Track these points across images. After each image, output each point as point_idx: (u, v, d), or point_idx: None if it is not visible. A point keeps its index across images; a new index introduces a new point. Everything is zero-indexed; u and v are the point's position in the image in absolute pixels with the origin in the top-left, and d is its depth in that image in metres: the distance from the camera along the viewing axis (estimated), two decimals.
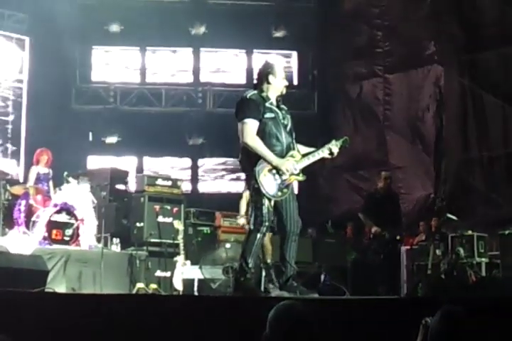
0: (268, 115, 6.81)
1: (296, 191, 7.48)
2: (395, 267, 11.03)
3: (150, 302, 6.03)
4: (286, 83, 7.02)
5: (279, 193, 6.77)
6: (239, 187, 16.53)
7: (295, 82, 19.13)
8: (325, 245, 13.56)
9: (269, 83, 6.95)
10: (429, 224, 13.56)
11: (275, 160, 6.72)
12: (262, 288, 8.34)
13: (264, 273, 9.68)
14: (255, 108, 6.80)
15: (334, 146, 7.15)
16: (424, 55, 17.06)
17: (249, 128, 6.75)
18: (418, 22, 17.15)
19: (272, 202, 6.77)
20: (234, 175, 18.08)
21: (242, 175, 7.10)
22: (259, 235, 6.81)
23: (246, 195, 10.26)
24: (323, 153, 7.11)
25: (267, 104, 6.85)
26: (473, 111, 15.80)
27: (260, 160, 6.73)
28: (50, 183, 11.58)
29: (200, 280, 10.11)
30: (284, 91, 7.01)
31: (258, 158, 6.74)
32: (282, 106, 7.10)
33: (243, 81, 18.60)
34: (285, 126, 6.94)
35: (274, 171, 6.73)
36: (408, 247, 13.21)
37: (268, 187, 6.71)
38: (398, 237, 11.11)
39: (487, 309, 4.86)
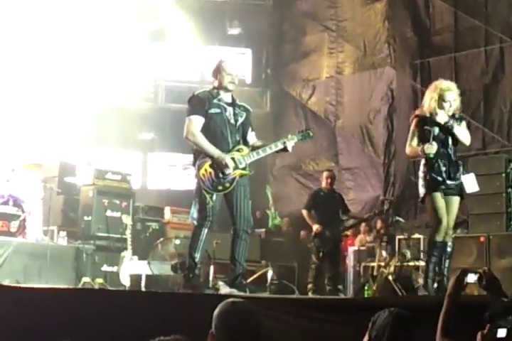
0: (213, 111, 6.89)
1: None
2: (336, 266, 11.06)
3: (96, 296, 5.98)
4: (230, 79, 7.02)
5: (220, 187, 6.79)
6: (189, 183, 16.46)
7: (248, 80, 19.15)
8: (273, 244, 13.59)
9: (216, 79, 7.03)
10: (374, 226, 13.67)
11: (215, 153, 6.76)
12: (211, 285, 8.32)
13: (212, 270, 9.67)
14: (199, 105, 6.90)
15: (290, 141, 7.15)
16: (377, 57, 17.23)
17: (191, 125, 6.85)
18: (373, 25, 17.30)
19: (215, 197, 6.79)
20: (184, 171, 18.01)
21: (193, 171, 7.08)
22: (204, 230, 6.82)
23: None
24: (277, 147, 7.12)
25: (215, 100, 6.92)
26: None
27: (201, 155, 6.79)
28: None
29: (148, 276, 10.06)
30: (230, 87, 7.01)
31: (200, 153, 6.79)
32: (241, 103, 7.15)
33: (197, 77, 18.56)
34: (234, 122, 6.97)
35: (216, 165, 6.77)
36: (356, 248, 13.31)
37: (208, 181, 6.76)
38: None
39: (432, 311, 4.90)
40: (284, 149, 7.17)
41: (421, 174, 7.27)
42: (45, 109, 15.74)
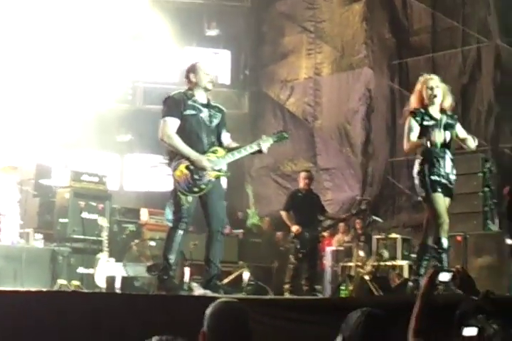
0: (188, 112, 6.86)
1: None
2: (313, 266, 11.05)
3: (71, 299, 5.93)
4: (209, 79, 7.00)
5: (196, 189, 6.77)
6: (167, 184, 16.37)
7: (227, 81, 19.11)
8: (251, 244, 13.56)
9: (191, 81, 7.00)
10: (353, 226, 13.67)
11: (192, 155, 6.73)
12: (186, 287, 8.28)
13: (188, 272, 9.62)
14: (174, 106, 6.87)
15: (265, 142, 7.11)
16: (355, 58, 17.25)
17: (166, 126, 6.82)
18: (350, 25, 17.33)
19: (190, 198, 6.76)
20: (162, 173, 17.93)
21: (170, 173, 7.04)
22: (179, 231, 6.79)
23: None
24: (252, 149, 7.08)
25: (189, 102, 6.89)
26: (402, 114, 16.00)
27: (177, 156, 6.76)
28: None
29: (123, 278, 10.00)
30: (210, 87, 7.00)
31: (176, 154, 6.75)
32: (215, 104, 7.11)
33: (175, 78, 18.49)
34: (210, 123, 6.94)
35: (192, 167, 6.74)
36: (333, 248, 13.30)
37: (184, 182, 6.73)
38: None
39: (409, 310, 4.89)
40: (260, 151, 7.13)
41: (418, 173, 7.15)
42: (21, 110, 15.64)
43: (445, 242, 6.94)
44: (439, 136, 6.95)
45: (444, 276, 3.85)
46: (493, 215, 10.90)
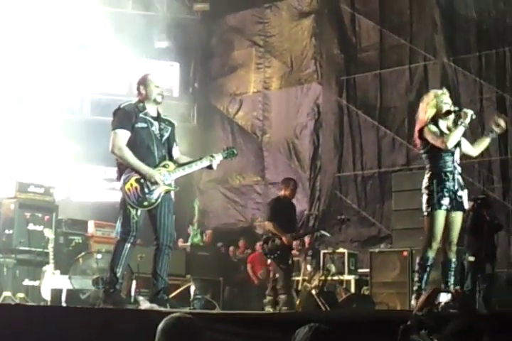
0: (140, 125, 6.82)
1: None
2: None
3: (16, 312, 5.86)
4: (159, 91, 6.99)
5: (146, 203, 6.74)
6: (115, 196, 16.23)
7: (176, 94, 19.08)
8: (199, 258, 13.52)
9: (141, 93, 6.97)
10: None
11: (144, 169, 6.71)
12: (132, 300, 8.22)
13: (134, 285, 9.55)
14: (125, 118, 6.82)
15: (215, 158, 7.14)
16: (304, 73, 17.39)
17: (118, 139, 6.76)
18: (300, 40, 17.48)
19: (139, 212, 6.73)
20: (110, 184, 17.81)
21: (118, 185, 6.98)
22: (126, 245, 6.76)
23: None
24: (202, 164, 7.11)
25: (141, 114, 6.86)
26: (350, 130, 16.17)
27: (127, 170, 6.72)
28: None
29: (68, 291, 9.90)
30: (159, 99, 6.98)
31: (126, 167, 6.72)
32: (166, 117, 7.10)
33: (124, 90, 18.40)
34: (160, 137, 6.92)
35: (142, 180, 6.72)
36: None
37: (133, 196, 6.70)
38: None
39: (355, 326, 4.92)
40: (209, 167, 7.17)
41: (426, 188, 7.01)
42: None
43: (430, 261, 6.81)
44: (469, 111, 6.89)
45: (443, 297, 3.84)
46: None
